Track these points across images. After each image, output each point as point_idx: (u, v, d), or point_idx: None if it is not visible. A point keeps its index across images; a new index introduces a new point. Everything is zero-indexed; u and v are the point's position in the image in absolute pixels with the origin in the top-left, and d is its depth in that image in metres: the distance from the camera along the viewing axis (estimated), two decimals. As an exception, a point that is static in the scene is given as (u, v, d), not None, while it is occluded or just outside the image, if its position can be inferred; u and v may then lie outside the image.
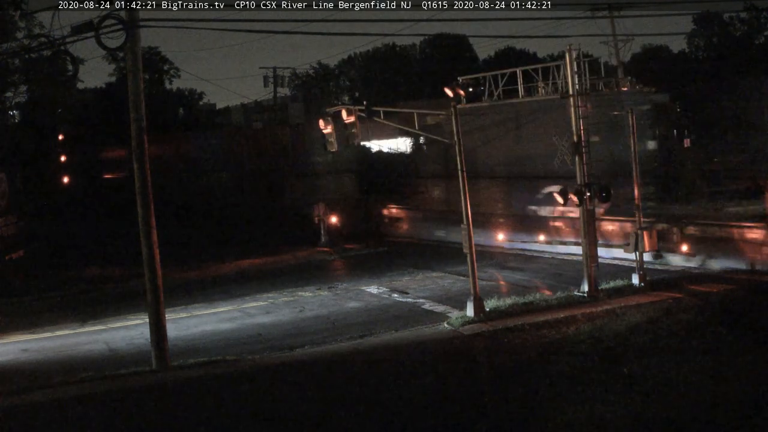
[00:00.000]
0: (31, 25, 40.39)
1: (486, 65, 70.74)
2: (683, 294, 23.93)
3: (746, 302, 22.66)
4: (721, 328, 20.02)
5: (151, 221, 20.65)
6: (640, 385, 16.32)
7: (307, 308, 27.04)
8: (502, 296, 25.02)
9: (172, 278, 29.94)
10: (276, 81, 67.40)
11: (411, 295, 27.81)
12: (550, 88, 34.07)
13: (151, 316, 20.77)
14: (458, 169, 23.72)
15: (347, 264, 36.13)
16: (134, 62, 20.37)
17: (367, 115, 24.51)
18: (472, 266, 23.41)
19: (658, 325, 20.75)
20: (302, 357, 20.90)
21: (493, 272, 30.37)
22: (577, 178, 25.10)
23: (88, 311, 28.91)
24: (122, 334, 25.18)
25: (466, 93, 23.87)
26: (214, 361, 20.75)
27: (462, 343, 21.18)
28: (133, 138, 20.60)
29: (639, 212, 25.97)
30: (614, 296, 24.39)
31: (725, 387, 15.90)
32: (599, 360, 18.34)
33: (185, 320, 26.39)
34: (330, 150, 25.55)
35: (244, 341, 23.07)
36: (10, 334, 26.11)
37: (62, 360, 22.52)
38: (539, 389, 16.79)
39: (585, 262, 25.05)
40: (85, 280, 34.81)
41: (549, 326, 21.65)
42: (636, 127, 26.19)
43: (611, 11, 43.73)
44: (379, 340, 21.97)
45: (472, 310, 23.18)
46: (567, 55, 25.38)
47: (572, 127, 25.22)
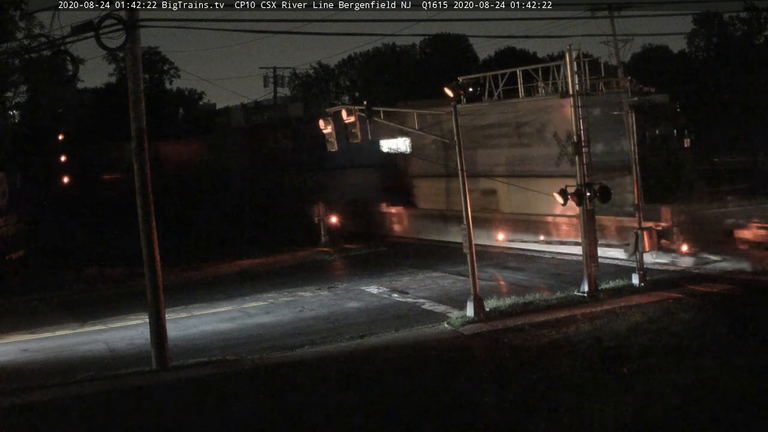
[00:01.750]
0: (31, 25, 40.38)
1: (486, 65, 70.71)
2: (683, 294, 23.92)
3: (746, 302, 22.68)
4: (721, 327, 20.02)
5: (152, 221, 20.65)
6: (640, 385, 16.31)
7: (307, 308, 27.04)
8: (502, 296, 25.03)
9: (172, 278, 29.99)
10: (276, 81, 67.39)
11: (411, 295, 27.82)
12: (550, 87, 34.10)
13: (151, 316, 20.77)
14: (458, 169, 23.74)
15: (347, 264, 36.16)
16: (134, 62, 20.37)
17: (367, 115, 24.54)
18: (472, 266, 23.41)
19: (658, 325, 20.74)
20: (302, 357, 20.90)
21: (493, 272, 30.38)
22: (577, 177, 25.11)
23: (88, 311, 28.93)
24: (122, 334, 25.18)
25: (465, 93, 23.91)
26: (214, 361, 20.75)
27: (462, 343, 21.17)
28: (133, 138, 20.60)
29: (639, 212, 25.99)
30: (614, 296, 24.40)
31: (725, 387, 15.89)
32: (599, 360, 18.32)
33: (185, 320, 26.40)
34: (330, 150, 25.60)
35: (244, 341, 23.08)
36: (10, 334, 26.13)
37: (62, 360, 22.52)
38: (539, 389, 16.78)
39: (585, 262, 25.05)
40: (85, 280, 34.84)
41: (549, 326, 21.64)
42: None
43: (611, 11, 43.68)
44: (379, 340, 21.97)
45: (472, 310, 23.18)
46: (567, 55, 25.40)
47: (572, 126, 25.25)
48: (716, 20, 67.05)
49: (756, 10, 58.05)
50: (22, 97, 50.62)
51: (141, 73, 20.62)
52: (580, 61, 26.65)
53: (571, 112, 25.32)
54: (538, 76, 34.58)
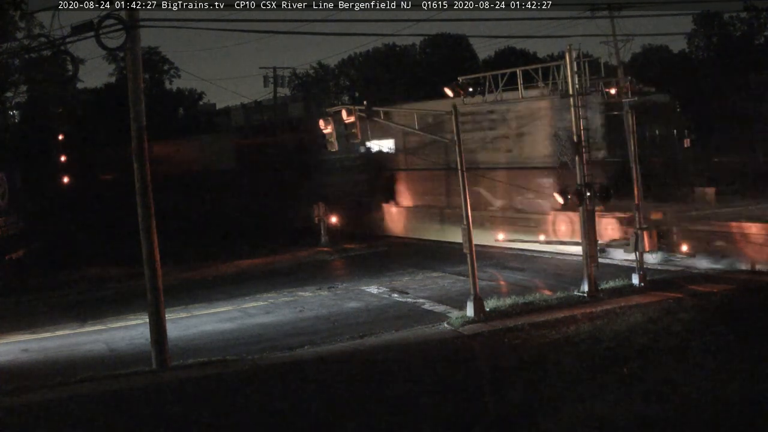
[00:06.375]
0: (31, 25, 40.34)
1: (486, 65, 70.65)
2: (683, 294, 23.93)
3: (746, 302, 22.68)
4: (721, 327, 20.01)
5: (152, 221, 20.65)
6: (640, 385, 16.31)
7: (307, 308, 27.04)
8: (502, 296, 25.03)
9: (172, 278, 29.97)
10: (276, 81, 67.35)
11: (411, 295, 27.81)
12: (550, 87, 34.04)
13: (151, 316, 20.77)
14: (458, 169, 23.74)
15: (347, 264, 36.15)
16: (134, 62, 20.37)
17: (367, 115, 24.53)
18: (472, 266, 23.40)
19: (658, 325, 20.74)
20: (302, 357, 20.90)
21: (493, 272, 30.37)
22: (577, 177, 25.11)
23: (88, 311, 28.92)
24: (122, 334, 25.18)
25: (465, 93, 23.90)
26: (214, 361, 20.74)
27: (462, 343, 21.17)
28: (133, 138, 20.60)
29: (639, 212, 25.98)
30: (614, 296, 24.39)
31: (725, 387, 15.89)
32: (599, 360, 18.33)
33: (185, 320, 26.39)
34: (330, 150, 25.58)
35: (244, 341, 23.08)
36: (10, 334, 26.13)
37: (62, 360, 22.52)
38: (539, 389, 16.78)
39: (585, 262, 25.05)
40: (85, 280, 34.83)
41: (549, 326, 21.64)
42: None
43: (611, 11, 43.65)
44: (379, 340, 21.97)
45: (472, 310, 23.17)
46: (567, 55, 25.39)
47: (572, 126, 25.25)
48: (716, 20, 67.01)
49: (756, 10, 58.06)
50: (22, 97, 50.65)
51: (141, 73, 20.62)
52: (580, 61, 26.64)
53: (571, 112, 25.33)
54: (538, 76, 34.57)
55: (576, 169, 25.06)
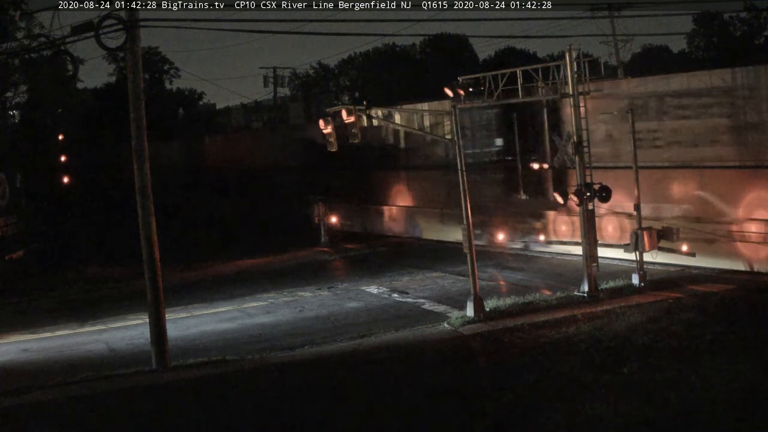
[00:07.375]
0: (31, 25, 40.40)
1: (486, 65, 70.69)
2: (683, 294, 23.91)
3: (746, 302, 22.66)
4: (721, 327, 20.00)
5: (152, 221, 20.65)
6: (640, 385, 16.30)
7: (307, 308, 27.04)
8: (502, 296, 25.01)
9: (172, 278, 29.97)
10: (276, 81, 67.47)
11: (411, 295, 27.81)
12: (550, 87, 34.05)
13: (151, 316, 20.78)
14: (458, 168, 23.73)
15: (347, 264, 36.13)
16: (134, 62, 20.38)
17: (367, 116, 24.50)
18: (472, 266, 23.40)
19: (658, 325, 20.72)
20: (302, 357, 20.90)
21: (493, 272, 30.36)
22: (577, 177, 25.10)
23: (88, 311, 28.92)
24: (122, 334, 25.19)
25: (465, 93, 23.89)
26: (214, 361, 20.75)
27: (462, 343, 21.17)
28: (133, 138, 20.61)
29: (639, 212, 25.95)
30: (614, 296, 24.37)
31: (725, 387, 15.88)
32: (599, 360, 18.32)
33: (185, 320, 26.39)
34: (330, 150, 25.54)
35: (244, 341, 23.08)
36: (10, 334, 26.13)
37: (62, 360, 22.53)
38: (539, 389, 16.78)
39: (585, 262, 25.04)
40: (85, 280, 34.80)
41: (549, 326, 21.63)
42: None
43: (611, 11, 43.73)
44: (379, 340, 21.97)
45: (472, 310, 23.17)
46: (567, 55, 25.38)
47: (572, 126, 25.24)
48: (716, 20, 67.10)
49: (756, 10, 58.15)
50: (22, 97, 50.69)
51: (141, 73, 20.63)
52: (580, 61, 26.64)
53: (572, 112, 25.33)
54: (538, 76, 34.59)
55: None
